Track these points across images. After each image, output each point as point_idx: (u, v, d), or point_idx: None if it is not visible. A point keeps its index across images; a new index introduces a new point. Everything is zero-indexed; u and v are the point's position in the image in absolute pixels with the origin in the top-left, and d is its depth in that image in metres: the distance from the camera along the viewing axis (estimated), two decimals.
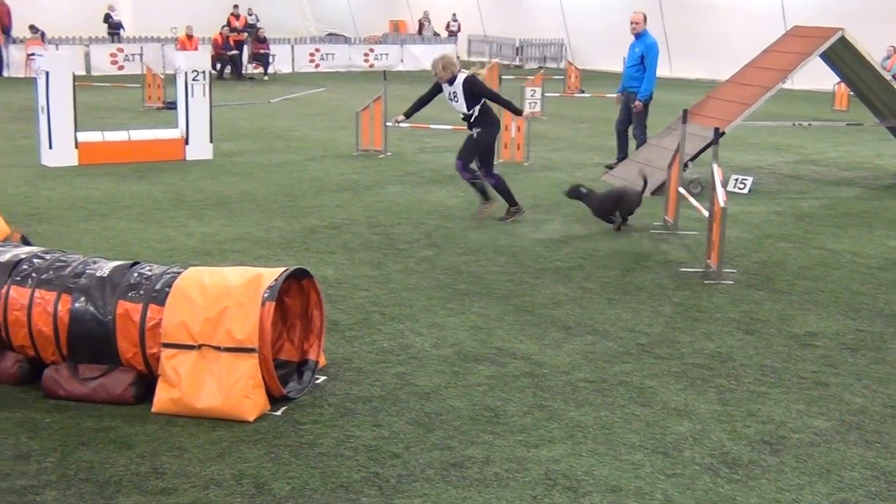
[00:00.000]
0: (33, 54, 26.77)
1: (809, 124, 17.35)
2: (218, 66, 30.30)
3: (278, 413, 5.65)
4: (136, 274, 5.90)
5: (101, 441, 5.26)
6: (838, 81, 20.61)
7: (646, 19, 14.33)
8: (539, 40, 39.17)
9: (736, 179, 13.16)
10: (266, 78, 31.36)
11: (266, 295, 5.62)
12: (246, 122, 19.75)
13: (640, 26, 14.21)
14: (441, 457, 5.15)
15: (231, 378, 5.52)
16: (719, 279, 8.63)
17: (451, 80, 10.57)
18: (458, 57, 37.24)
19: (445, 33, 40.28)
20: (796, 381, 6.35)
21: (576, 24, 37.86)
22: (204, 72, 14.94)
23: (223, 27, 32.04)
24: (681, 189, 10.62)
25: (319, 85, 29.16)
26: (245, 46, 32.38)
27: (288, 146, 16.58)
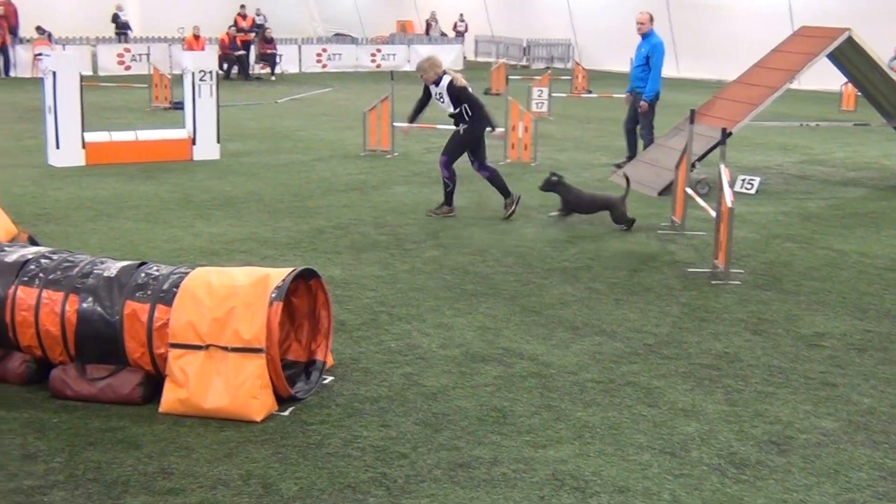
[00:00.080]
0: (40, 54, 26.92)
1: (817, 125, 17.34)
2: (225, 67, 30.32)
3: (286, 413, 5.65)
4: (144, 274, 5.91)
5: (109, 441, 5.27)
6: (845, 82, 20.56)
7: (652, 19, 14.32)
8: (546, 40, 39.15)
9: (743, 180, 13.15)
10: (273, 78, 31.39)
11: (274, 295, 5.62)
12: (253, 123, 19.76)
13: (646, 26, 14.21)
14: (448, 457, 5.15)
15: (238, 378, 5.53)
16: (727, 279, 8.62)
17: (437, 82, 10.81)
18: (465, 57, 37.66)
19: (453, 33, 40.27)
20: (804, 382, 6.34)
21: (583, 25, 37.83)
22: (211, 72, 14.96)
23: (230, 27, 32.07)
24: (688, 189, 10.61)
25: (326, 85, 29.17)
26: (252, 46, 32.42)
27: (295, 146, 16.59)
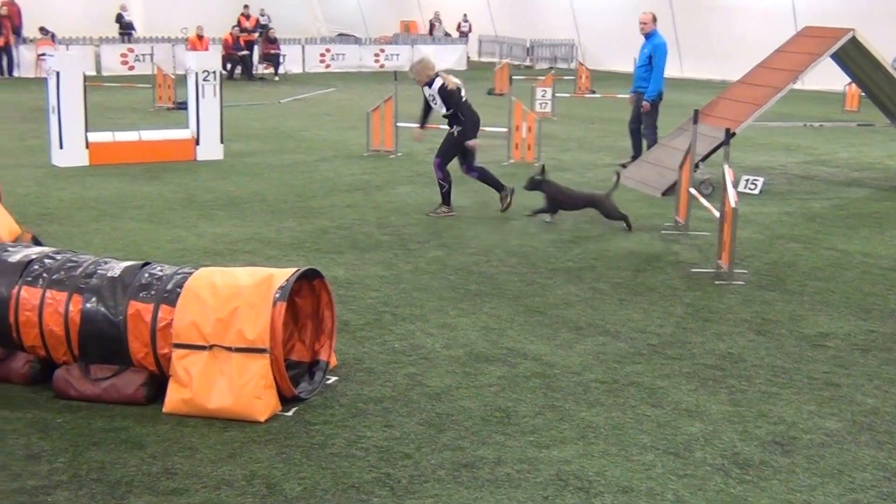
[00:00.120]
0: (44, 54, 26.91)
1: (820, 125, 17.33)
2: (228, 67, 30.35)
3: (289, 413, 5.65)
4: (147, 274, 5.91)
5: (113, 441, 5.28)
6: (849, 82, 20.55)
7: (655, 20, 14.31)
8: (550, 41, 39.12)
9: (747, 180, 13.13)
10: (276, 78, 31.41)
11: (277, 295, 5.62)
12: (256, 123, 19.77)
13: (649, 26, 14.20)
14: (452, 457, 5.15)
15: (242, 378, 5.53)
16: (730, 280, 8.61)
17: (430, 84, 11.03)
18: (469, 58, 37.66)
19: (456, 34, 40.26)
20: (808, 382, 6.34)
21: (587, 25, 37.82)
22: (214, 72, 14.96)
23: (234, 27, 32.11)
24: (692, 190, 10.60)
25: (330, 85, 29.18)
26: (255, 47, 32.44)
27: (298, 146, 16.59)
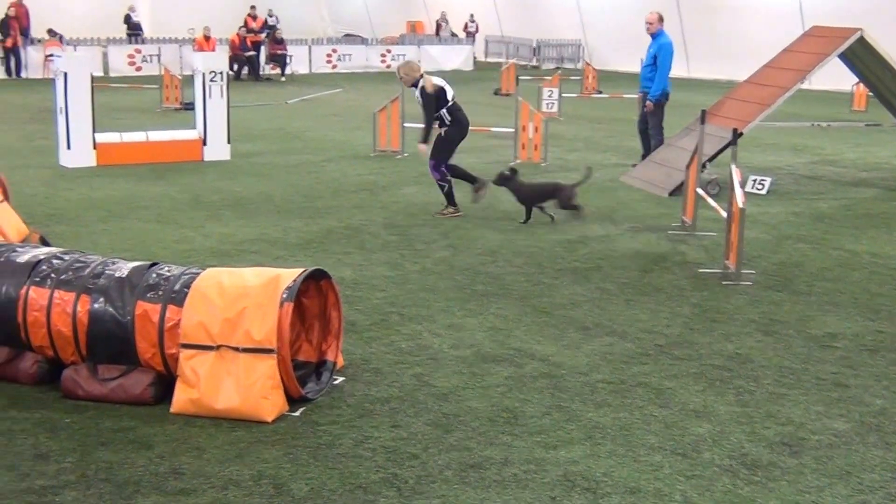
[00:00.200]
0: (51, 55, 27.01)
1: (828, 125, 17.28)
2: (235, 67, 30.37)
3: (297, 414, 5.65)
4: (155, 275, 5.92)
5: (121, 441, 5.28)
6: (857, 82, 20.51)
7: (661, 19, 14.28)
8: (556, 41, 39.11)
9: (754, 180, 13.11)
10: (283, 79, 31.42)
11: (284, 296, 5.62)
12: (263, 123, 19.79)
13: (655, 26, 14.18)
14: (459, 458, 5.14)
15: (249, 379, 5.54)
16: (738, 280, 8.60)
17: (415, 85, 11.16)
18: (475, 58, 37.65)
19: (463, 34, 40.24)
20: (815, 383, 6.32)
21: (593, 25, 37.79)
22: (221, 73, 14.98)
23: (240, 28, 32.13)
24: (699, 190, 10.59)
25: (336, 86, 29.19)
26: (262, 47, 32.46)
27: (305, 147, 16.61)
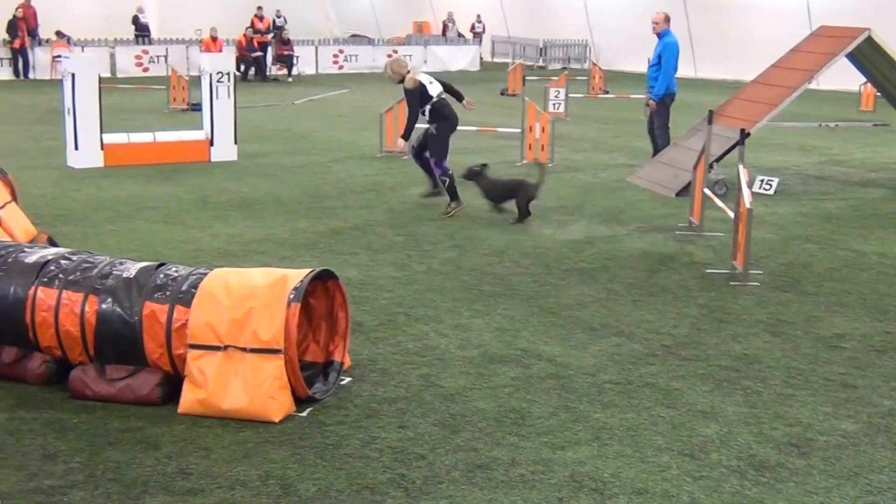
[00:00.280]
0: (59, 56, 27.08)
1: (836, 125, 17.26)
2: (242, 68, 30.40)
3: (304, 414, 5.65)
4: (163, 275, 5.93)
5: (128, 441, 5.29)
6: (864, 82, 20.46)
7: (668, 19, 14.24)
8: (563, 41, 39.07)
9: (762, 180, 13.09)
10: (290, 79, 31.45)
11: (292, 296, 5.63)
12: (270, 124, 19.81)
13: (661, 26, 14.15)
14: (466, 458, 5.14)
15: (257, 379, 5.54)
16: (745, 281, 8.58)
17: (402, 81, 11.50)
18: (482, 58, 37.62)
19: (470, 34, 40.23)
20: (823, 384, 6.31)
21: (600, 25, 37.75)
22: (228, 73, 15.00)
23: (247, 29, 32.17)
24: (706, 190, 10.57)
25: (343, 86, 29.20)
26: (269, 48, 32.49)
27: (312, 147, 16.62)
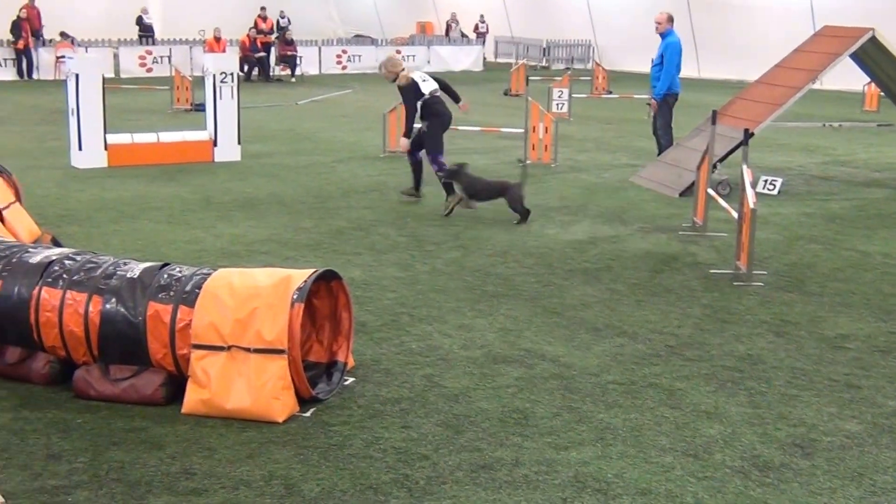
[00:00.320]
0: (63, 56, 27.10)
1: (839, 125, 17.23)
2: (245, 68, 30.41)
3: (307, 414, 5.66)
4: (166, 275, 5.93)
5: (132, 441, 5.29)
6: (868, 82, 20.45)
7: (671, 19, 14.24)
8: (566, 41, 39.06)
9: (765, 181, 13.08)
10: (293, 80, 31.45)
11: (295, 296, 5.63)
12: (274, 124, 19.81)
13: (664, 26, 14.14)
14: (470, 459, 5.14)
15: (260, 379, 5.54)
16: (749, 281, 8.58)
17: (395, 81, 11.71)
18: (485, 59, 37.61)
19: (473, 35, 40.22)
20: (828, 384, 6.30)
21: (603, 25, 37.74)
22: (232, 74, 15.01)
23: (250, 29, 32.18)
24: (710, 190, 10.57)
25: (346, 87, 29.21)
26: (272, 48, 32.51)
27: (315, 148, 16.62)
